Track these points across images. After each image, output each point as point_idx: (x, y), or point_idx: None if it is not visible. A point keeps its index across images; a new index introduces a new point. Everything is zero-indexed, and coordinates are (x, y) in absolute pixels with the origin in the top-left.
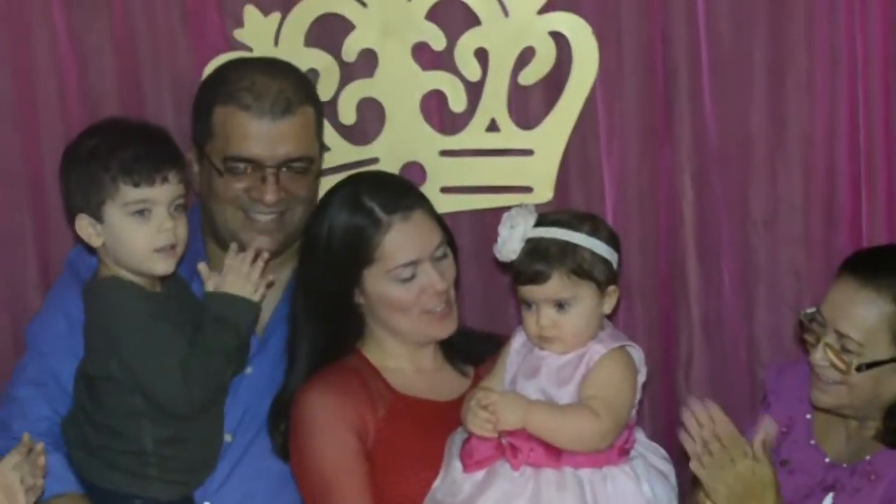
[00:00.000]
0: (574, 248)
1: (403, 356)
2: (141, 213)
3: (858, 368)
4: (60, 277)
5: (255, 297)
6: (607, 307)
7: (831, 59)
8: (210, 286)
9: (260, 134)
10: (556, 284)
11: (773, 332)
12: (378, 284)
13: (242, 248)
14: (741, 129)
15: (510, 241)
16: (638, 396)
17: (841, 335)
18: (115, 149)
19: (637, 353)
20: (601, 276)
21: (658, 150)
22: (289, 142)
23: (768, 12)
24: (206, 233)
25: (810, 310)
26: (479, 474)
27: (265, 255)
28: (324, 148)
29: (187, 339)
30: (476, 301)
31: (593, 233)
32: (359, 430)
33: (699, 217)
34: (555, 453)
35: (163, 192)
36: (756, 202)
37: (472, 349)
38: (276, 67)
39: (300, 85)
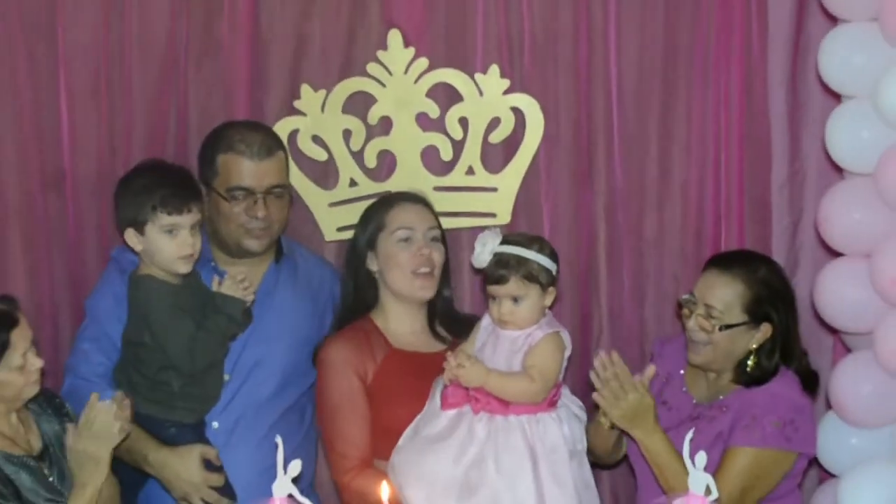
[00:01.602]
0: (526, 260)
1: (401, 318)
2: (171, 231)
3: (720, 329)
4: (108, 267)
5: (245, 297)
6: (548, 301)
7: (703, 132)
8: (214, 287)
9: (250, 170)
10: (513, 285)
11: (657, 319)
12: (386, 245)
13: (243, 251)
14: (640, 179)
15: (482, 255)
16: (564, 365)
17: (708, 307)
18: (157, 187)
19: (566, 336)
20: (544, 280)
21: (581, 192)
22: (270, 175)
23: (660, 100)
24: (212, 241)
25: (687, 295)
26: (451, 414)
27: (247, 281)
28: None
29: (195, 321)
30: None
31: (540, 250)
32: (360, 374)
33: (608, 239)
34: (504, 404)
35: (187, 219)
36: (648, 229)
37: (457, 324)
38: (257, 125)
39: (274, 137)
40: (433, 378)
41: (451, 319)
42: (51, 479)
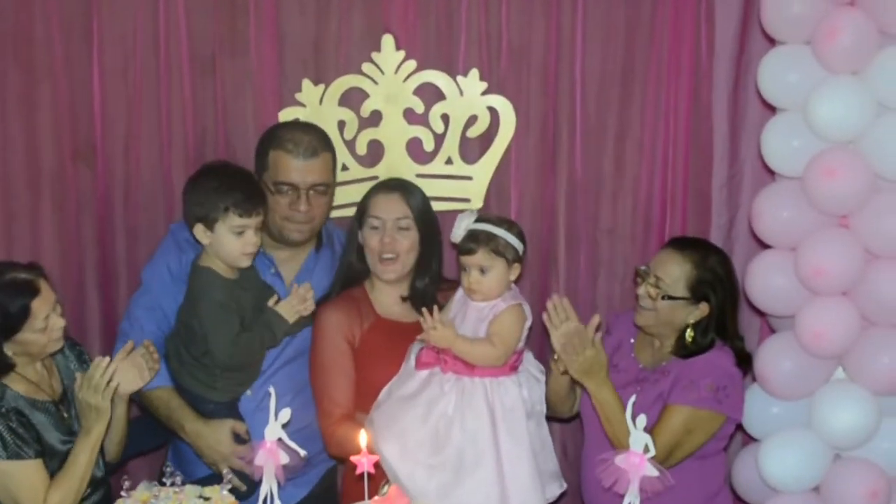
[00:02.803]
0: (494, 236)
1: (385, 290)
2: (240, 233)
3: (663, 298)
4: (165, 240)
5: (290, 321)
6: (513, 276)
7: (654, 134)
8: (271, 304)
9: (296, 168)
10: (481, 257)
11: (608, 296)
12: (363, 230)
13: (285, 240)
14: (597, 173)
15: (458, 230)
16: (524, 334)
17: (658, 278)
18: (230, 190)
19: (526, 308)
20: (510, 256)
21: (545, 182)
22: (314, 173)
23: (618, 104)
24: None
25: (643, 266)
26: (424, 374)
27: (308, 294)
28: (335, 180)
29: (241, 322)
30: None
31: (508, 230)
32: (348, 338)
33: (568, 224)
34: (470, 366)
35: (253, 221)
36: (603, 217)
37: (431, 295)
38: (309, 127)
39: (323, 139)
40: (410, 344)
41: (426, 301)
42: (68, 420)
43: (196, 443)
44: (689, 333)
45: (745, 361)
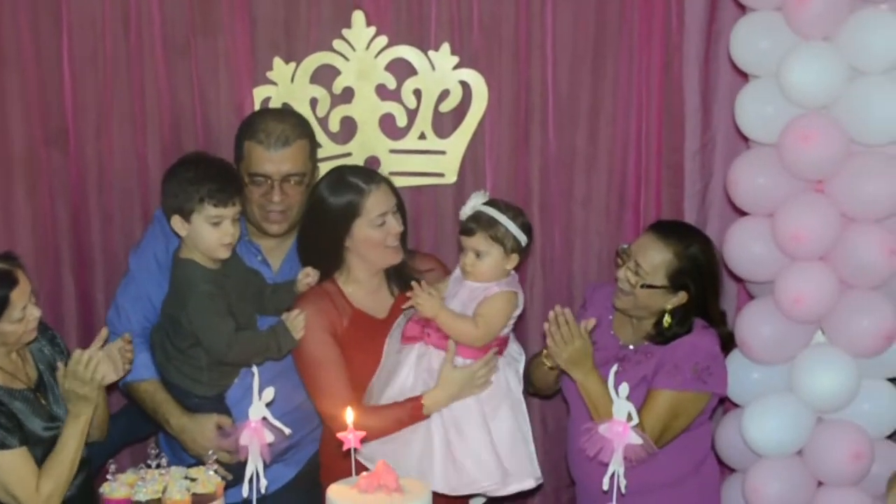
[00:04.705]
0: (496, 222)
1: (362, 281)
2: (216, 223)
3: (642, 286)
4: (152, 227)
5: (297, 338)
6: (509, 265)
7: (627, 106)
8: (283, 316)
9: (268, 158)
10: (478, 240)
11: (583, 269)
12: (364, 230)
13: (264, 232)
14: (570, 145)
15: (465, 209)
16: (512, 322)
17: (637, 264)
18: (205, 180)
19: (520, 297)
20: (508, 245)
21: (519, 156)
22: (287, 163)
23: (590, 77)
24: (246, 217)
25: (625, 245)
26: (403, 351)
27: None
28: (316, 166)
29: (229, 308)
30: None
31: (513, 219)
32: (331, 331)
33: (542, 198)
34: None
35: (230, 211)
36: (577, 190)
37: (407, 280)
38: (284, 115)
39: (297, 127)
40: (386, 337)
41: (401, 276)
42: (47, 406)
43: (180, 437)
44: (666, 319)
45: (729, 343)
